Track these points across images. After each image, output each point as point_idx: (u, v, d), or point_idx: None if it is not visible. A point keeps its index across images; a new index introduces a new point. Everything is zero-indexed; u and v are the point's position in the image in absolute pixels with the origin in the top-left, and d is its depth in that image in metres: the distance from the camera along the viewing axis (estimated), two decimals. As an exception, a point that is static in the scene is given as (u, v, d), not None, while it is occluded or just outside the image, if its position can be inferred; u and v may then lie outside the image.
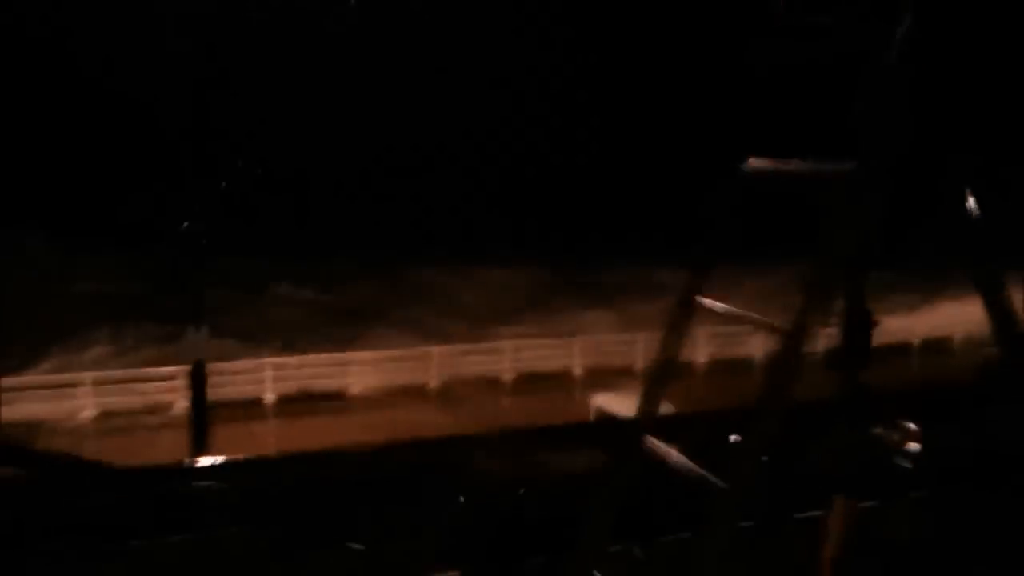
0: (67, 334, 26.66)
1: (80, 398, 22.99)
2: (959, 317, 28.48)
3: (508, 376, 26.99)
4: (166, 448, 20.28)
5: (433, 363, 26.38)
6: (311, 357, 26.13)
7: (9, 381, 21.19)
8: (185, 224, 17.14)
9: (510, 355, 27.21)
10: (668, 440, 4.04)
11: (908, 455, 10.26)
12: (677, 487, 3.86)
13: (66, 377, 23.47)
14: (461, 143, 38.55)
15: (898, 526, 6.98)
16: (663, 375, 4.04)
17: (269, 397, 24.71)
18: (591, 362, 27.59)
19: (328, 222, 36.17)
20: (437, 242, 36.09)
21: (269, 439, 22.33)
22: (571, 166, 38.58)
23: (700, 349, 26.68)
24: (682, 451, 3.92)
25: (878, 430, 10.54)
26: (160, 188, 21.08)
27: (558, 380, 26.79)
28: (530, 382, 26.75)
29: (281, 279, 34.28)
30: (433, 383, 26.18)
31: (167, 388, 23.43)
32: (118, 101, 34.23)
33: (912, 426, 10.50)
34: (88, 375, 23.59)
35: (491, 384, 26.55)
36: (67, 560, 7.56)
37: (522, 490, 8.96)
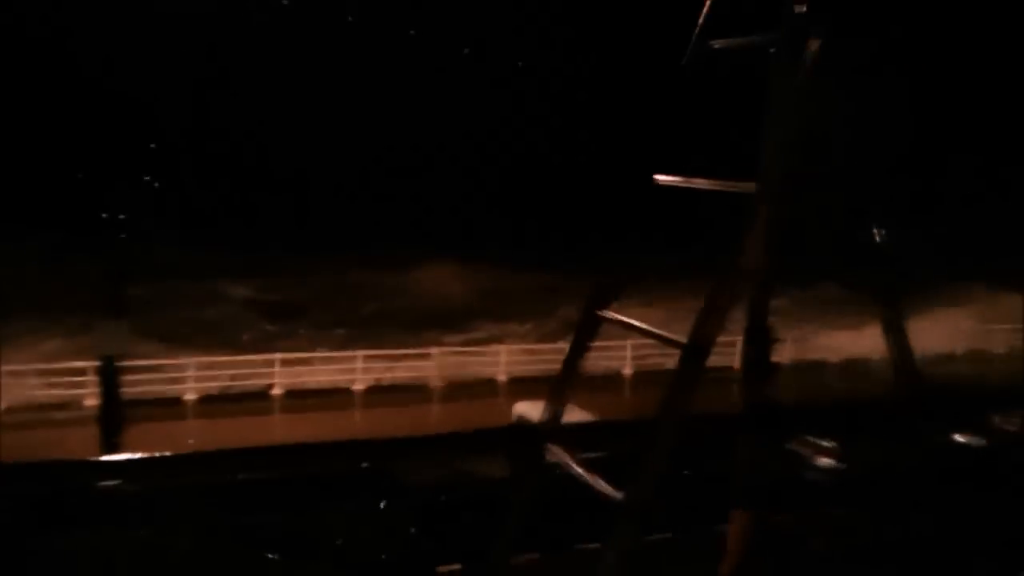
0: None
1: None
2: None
3: (436, 382, 26.93)
4: (76, 446, 19.79)
5: (359, 367, 26.21)
6: (236, 357, 25.73)
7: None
8: (104, 215, 16.73)
9: (438, 360, 27.16)
10: (572, 450, 4.06)
11: (824, 470, 10.47)
12: (581, 497, 3.87)
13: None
14: (412, 142, 38.23)
15: (807, 539, 7.10)
16: (567, 386, 4.06)
17: (190, 396, 24.25)
18: (518, 370, 27.67)
19: (269, 218, 35.61)
20: (379, 243, 35.75)
21: (187, 439, 21.89)
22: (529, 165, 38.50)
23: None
24: (584, 462, 3.93)
25: (794, 445, 10.74)
26: (89, 179, 20.53)
27: (485, 387, 26.82)
28: (457, 389, 26.74)
29: (212, 276, 33.67)
30: (360, 386, 26.01)
31: (81, 384, 22.88)
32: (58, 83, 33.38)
33: (828, 442, 10.71)
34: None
35: (418, 390, 26.46)
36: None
37: (443, 497, 8.91)
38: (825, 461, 10.24)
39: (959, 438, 10.82)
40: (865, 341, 31.40)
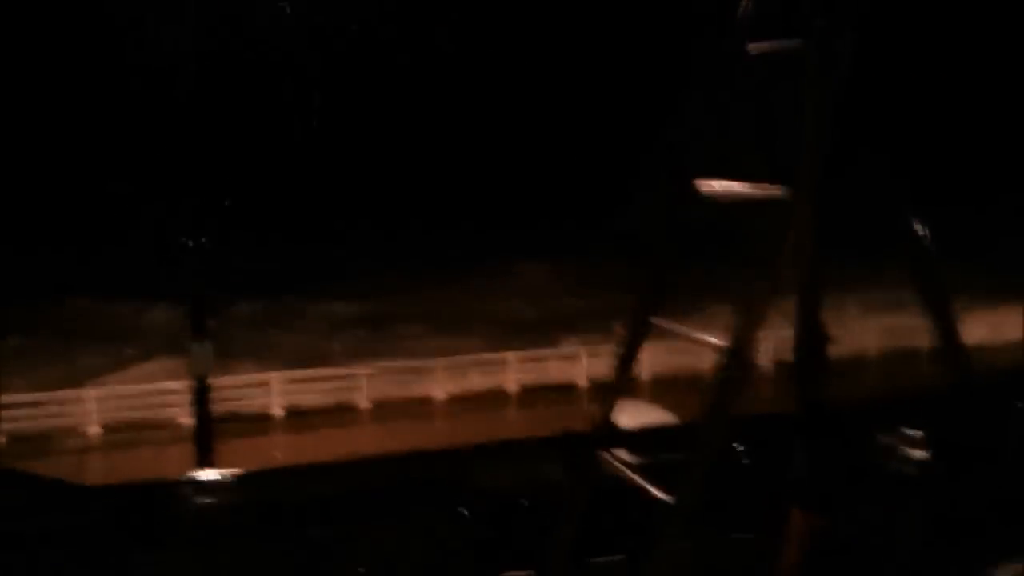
0: (73, 348, 26.89)
1: (85, 413, 23.21)
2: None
3: (513, 388, 26.99)
4: (172, 463, 20.44)
5: (439, 376, 26.44)
6: (318, 371, 26.22)
7: (12, 397, 21.34)
8: (188, 241, 17.20)
9: (515, 367, 27.19)
10: (628, 454, 4.12)
11: (913, 462, 10.22)
12: (633, 502, 3.93)
13: (71, 393, 23.68)
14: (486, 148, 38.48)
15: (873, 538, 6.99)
16: (617, 392, 4.11)
17: (277, 411, 24.81)
18: (599, 373, 27.43)
19: (340, 234, 36.29)
20: (447, 255, 36.20)
21: (276, 453, 22.45)
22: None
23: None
24: (637, 466, 3.99)
25: (882, 438, 10.50)
26: (163, 197, 21.11)
27: (564, 392, 26.74)
28: (536, 395, 26.74)
29: (289, 292, 34.39)
30: (440, 395, 26.24)
31: (174, 403, 23.60)
32: (122, 105, 34.51)
33: (916, 433, 10.46)
34: (93, 392, 23.77)
35: (496, 397, 26.58)
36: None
37: (524, 502, 8.98)
38: (915, 453, 10.00)
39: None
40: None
